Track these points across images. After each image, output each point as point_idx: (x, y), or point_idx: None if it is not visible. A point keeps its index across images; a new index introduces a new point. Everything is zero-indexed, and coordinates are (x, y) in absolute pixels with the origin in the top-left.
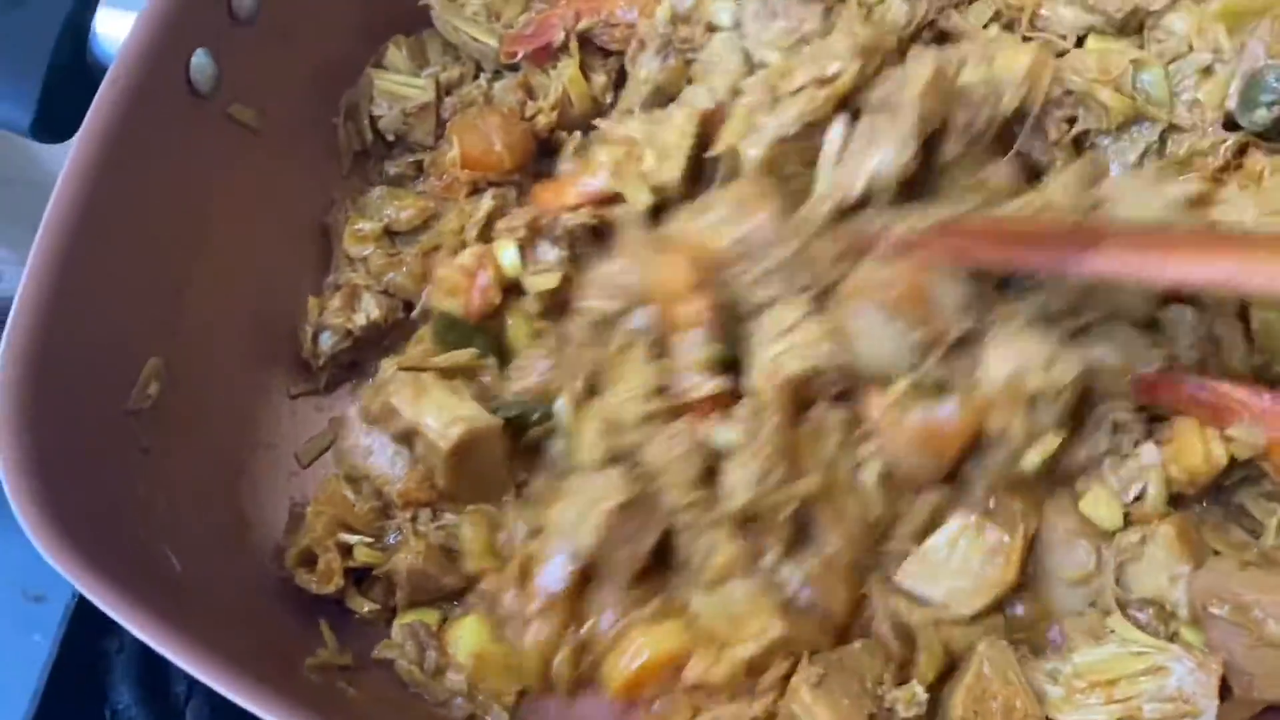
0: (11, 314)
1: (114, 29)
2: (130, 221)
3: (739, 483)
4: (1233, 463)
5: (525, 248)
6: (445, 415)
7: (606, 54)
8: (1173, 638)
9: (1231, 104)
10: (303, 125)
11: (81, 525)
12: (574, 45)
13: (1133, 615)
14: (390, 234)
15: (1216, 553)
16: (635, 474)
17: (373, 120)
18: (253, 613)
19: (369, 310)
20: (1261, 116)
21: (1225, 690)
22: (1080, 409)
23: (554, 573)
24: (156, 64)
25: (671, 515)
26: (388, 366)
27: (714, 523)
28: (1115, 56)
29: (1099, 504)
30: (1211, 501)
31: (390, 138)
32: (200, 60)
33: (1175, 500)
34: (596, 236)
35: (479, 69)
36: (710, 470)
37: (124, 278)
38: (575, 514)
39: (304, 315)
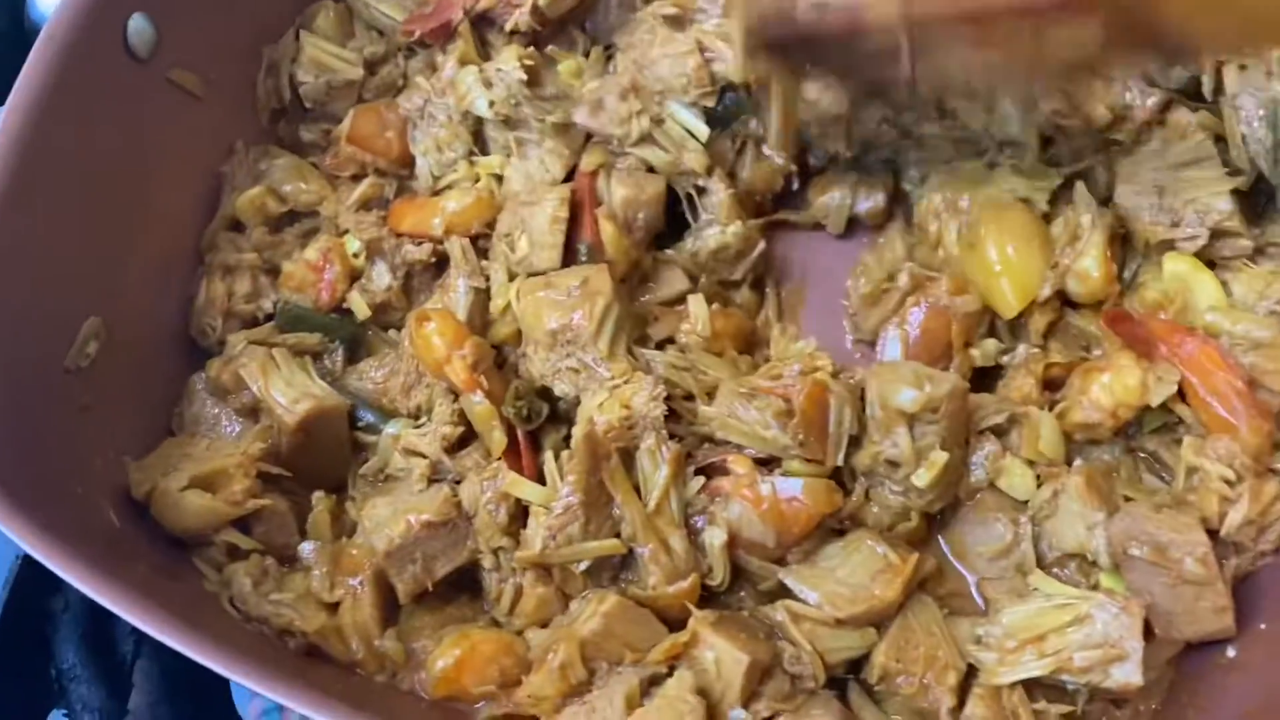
0: None
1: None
2: (67, 184)
3: (534, 536)
4: (1149, 408)
5: (364, 259)
6: (293, 391)
7: (513, 33)
8: (1094, 587)
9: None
10: (244, 90)
11: (24, 487)
12: (465, 28)
13: (1054, 573)
14: (282, 213)
15: (1128, 499)
16: (454, 498)
17: (293, 82)
18: (187, 565)
19: (270, 294)
20: (1179, 75)
21: (1149, 633)
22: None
23: (353, 564)
24: (93, 25)
25: (476, 554)
26: (236, 340)
27: (520, 566)
28: None
29: (1013, 476)
30: (1123, 452)
31: (309, 105)
32: (138, 24)
33: (1085, 449)
34: (435, 267)
35: (398, 45)
36: (523, 513)
37: (62, 238)
38: (388, 514)
39: (210, 302)
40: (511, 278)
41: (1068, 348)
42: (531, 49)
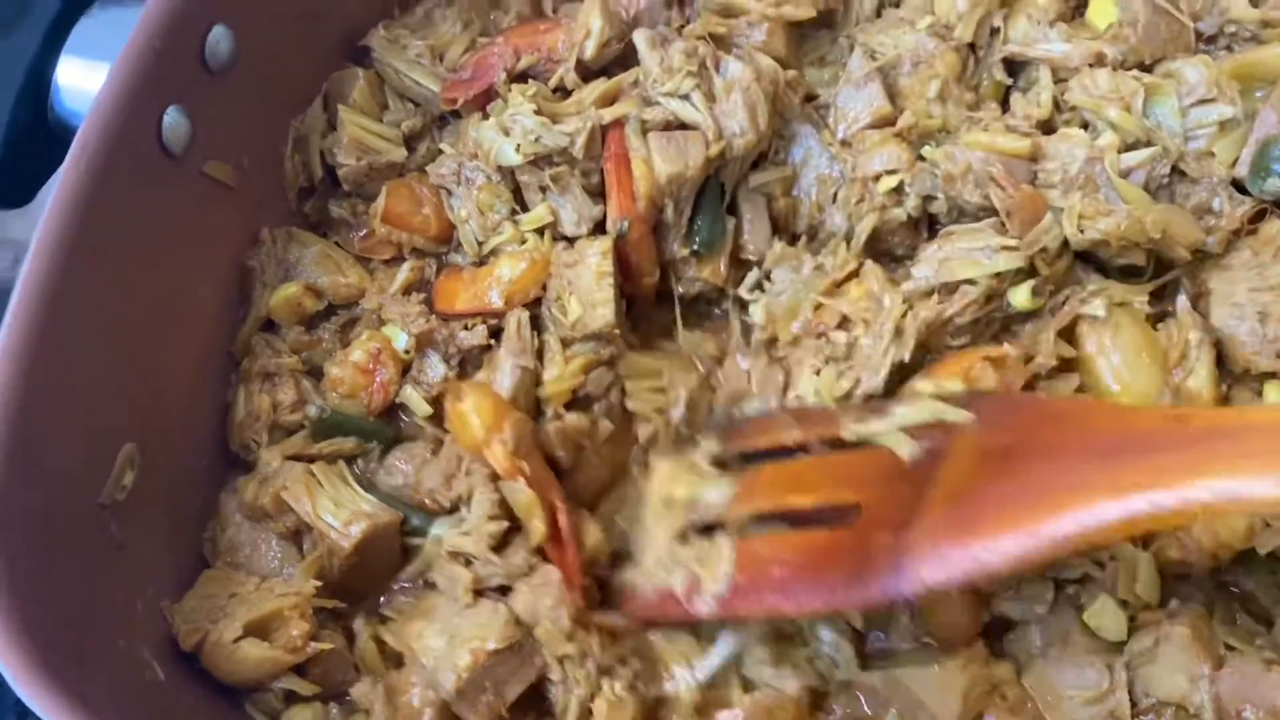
0: None
1: (77, 79)
2: (104, 299)
3: None
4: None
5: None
6: (344, 512)
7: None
8: None
9: (1241, 170)
10: (272, 171)
11: (62, 658)
12: (504, 91)
13: None
14: (320, 306)
15: (1230, 647)
16: (513, 616)
17: (324, 159)
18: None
19: (314, 399)
20: (1273, 186)
21: None
22: None
23: (414, 704)
24: (127, 128)
25: (545, 668)
26: (270, 458)
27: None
28: (1128, 80)
29: (1104, 615)
30: (1214, 588)
31: (347, 187)
32: (173, 119)
33: (1176, 584)
34: (488, 349)
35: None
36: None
37: (99, 361)
38: (444, 644)
39: (252, 415)
40: (566, 345)
41: None
42: (536, 84)
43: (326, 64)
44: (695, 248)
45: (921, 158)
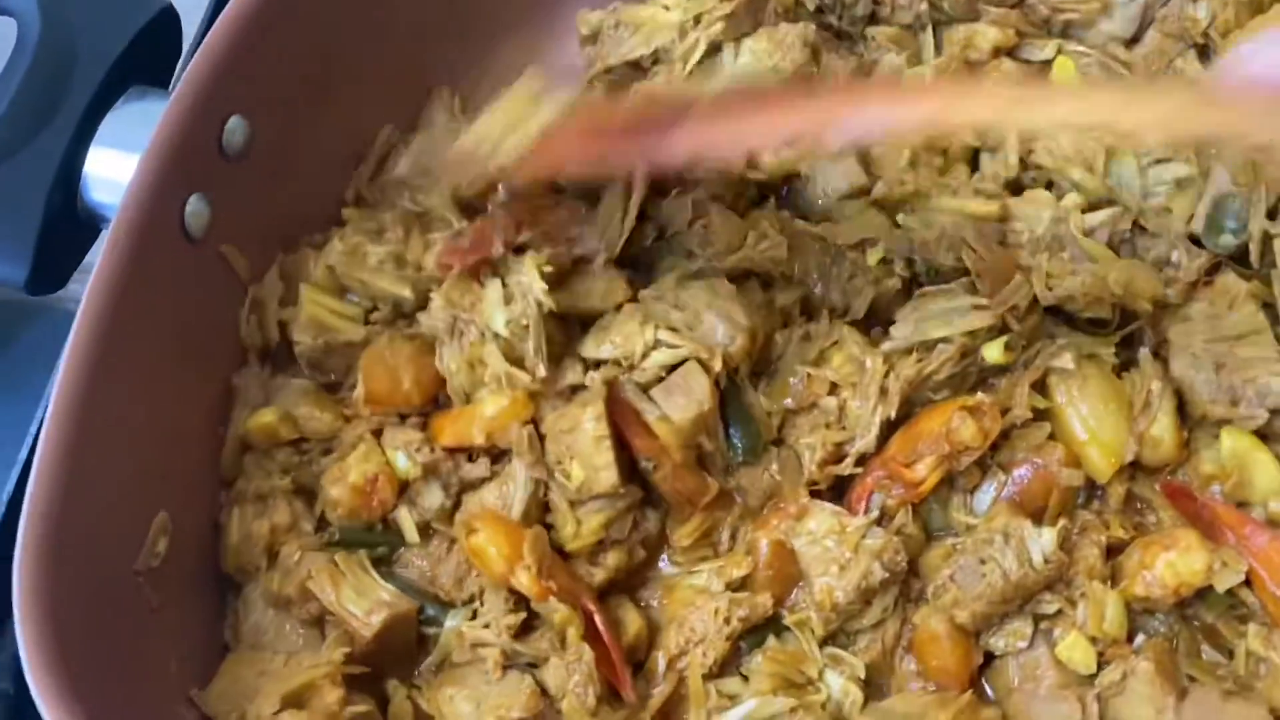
0: (29, 490)
1: (106, 169)
2: (136, 374)
3: None
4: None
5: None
6: (365, 602)
7: None
8: None
9: (1197, 225)
10: None
11: (103, 708)
12: (506, 260)
13: None
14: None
15: (1192, 678)
16: (538, 689)
17: (281, 327)
18: None
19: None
20: (1226, 242)
21: None
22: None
23: None
24: (154, 219)
25: None
26: (289, 551)
27: None
28: (1090, 141)
29: (1075, 649)
30: (1177, 621)
31: (303, 365)
32: (195, 206)
33: (1142, 617)
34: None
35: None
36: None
37: (133, 432)
38: (473, 710)
39: (250, 540)
40: (573, 505)
41: (1125, 513)
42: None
43: (334, 147)
44: (740, 460)
45: (897, 224)
